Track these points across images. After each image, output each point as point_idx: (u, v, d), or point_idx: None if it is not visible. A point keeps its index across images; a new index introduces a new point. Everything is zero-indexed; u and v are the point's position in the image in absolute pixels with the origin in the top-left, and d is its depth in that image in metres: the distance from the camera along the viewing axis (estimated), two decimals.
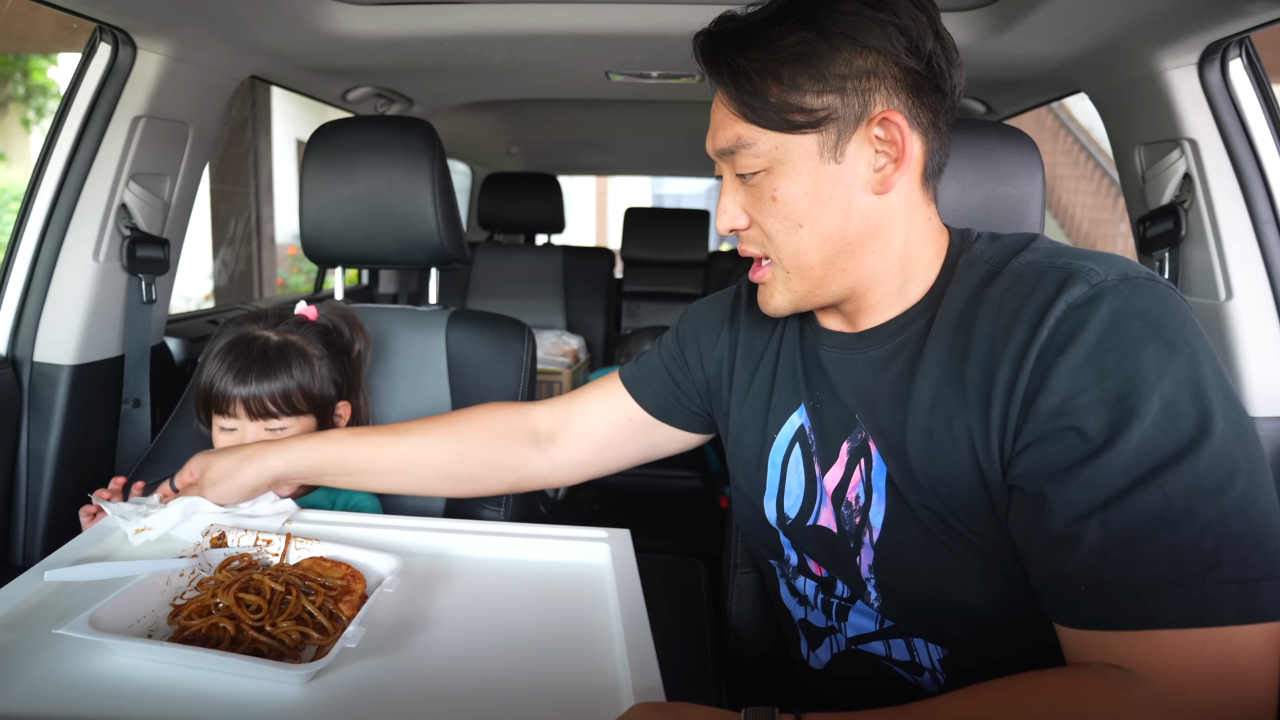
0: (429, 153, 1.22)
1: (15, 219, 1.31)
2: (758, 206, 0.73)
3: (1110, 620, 0.56)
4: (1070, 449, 0.58)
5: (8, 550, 1.27)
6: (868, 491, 0.74)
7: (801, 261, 0.73)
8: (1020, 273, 0.67)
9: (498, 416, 0.99)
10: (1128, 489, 0.56)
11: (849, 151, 0.68)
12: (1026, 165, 1.07)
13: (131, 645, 0.64)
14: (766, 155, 0.69)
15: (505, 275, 2.90)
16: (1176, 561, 0.54)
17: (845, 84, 0.66)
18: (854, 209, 0.70)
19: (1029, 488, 0.61)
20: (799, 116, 0.67)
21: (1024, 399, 0.61)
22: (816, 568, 0.83)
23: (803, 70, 0.66)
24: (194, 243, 5.59)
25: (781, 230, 0.72)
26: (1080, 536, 0.57)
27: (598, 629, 0.73)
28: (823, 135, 0.68)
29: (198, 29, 1.25)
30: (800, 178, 0.69)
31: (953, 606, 0.70)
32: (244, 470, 0.91)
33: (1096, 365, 0.58)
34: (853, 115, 0.67)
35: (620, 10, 1.31)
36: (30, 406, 1.28)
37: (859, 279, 0.73)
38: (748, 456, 0.87)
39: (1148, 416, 0.56)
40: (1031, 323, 0.62)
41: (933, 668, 0.75)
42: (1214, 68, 1.18)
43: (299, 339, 1.08)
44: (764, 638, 1.07)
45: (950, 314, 0.70)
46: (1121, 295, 0.60)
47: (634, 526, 0.93)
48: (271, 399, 1.02)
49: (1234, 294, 1.20)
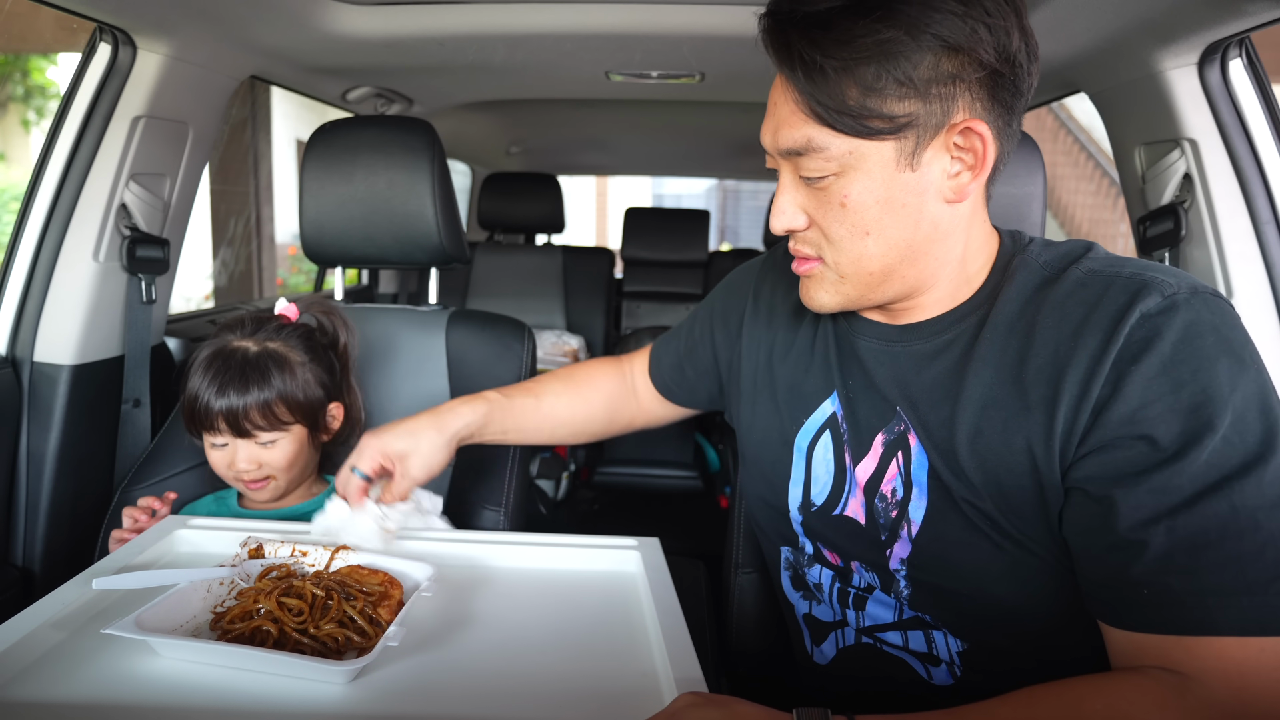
0: (429, 153, 1.22)
1: (15, 219, 1.31)
2: (822, 210, 0.69)
3: (1172, 625, 0.57)
4: (1140, 456, 0.59)
5: (8, 550, 1.27)
6: (906, 485, 0.73)
7: (861, 268, 0.70)
8: (1083, 280, 0.66)
9: (609, 379, 1.08)
10: (1195, 498, 0.57)
11: (925, 158, 0.65)
12: (1027, 165, 1.07)
13: (177, 644, 0.65)
14: (838, 160, 0.65)
15: (505, 275, 2.90)
16: (1240, 571, 0.55)
17: (930, 89, 0.61)
18: (924, 217, 0.67)
19: (1094, 491, 0.61)
20: (879, 123, 0.62)
21: (1095, 405, 0.61)
22: (833, 557, 0.82)
23: (886, 72, 0.61)
24: (194, 243, 5.58)
25: (846, 236, 0.68)
26: (1147, 541, 0.58)
27: (634, 629, 0.74)
28: (901, 142, 0.64)
29: (198, 29, 1.25)
30: (873, 184, 0.65)
31: (989, 602, 0.71)
32: (421, 443, 0.91)
33: (1171, 376, 0.59)
34: (934, 122, 0.63)
35: (620, 10, 1.31)
36: (30, 406, 1.28)
37: (916, 284, 0.72)
38: (771, 441, 0.86)
39: (1220, 429, 0.57)
40: (1104, 330, 0.62)
41: (951, 660, 0.75)
42: (1214, 68, 1.18)
43: (279, 346, 1.05)
44: (765, 636, 1.07)
45: (1005, 315, 0.69)
46: (1194, 309, 0.60)
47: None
48: (252, 413, 0.99)
49: (1234, 294, 1.20)
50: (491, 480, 1.19)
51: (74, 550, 1.30)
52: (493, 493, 1.18)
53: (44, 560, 1.27)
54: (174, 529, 0.91)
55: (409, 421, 0.93)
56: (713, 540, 1.26)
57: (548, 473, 2.44)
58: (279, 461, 1.03)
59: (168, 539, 0.89)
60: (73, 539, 1.30)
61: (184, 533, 0.90)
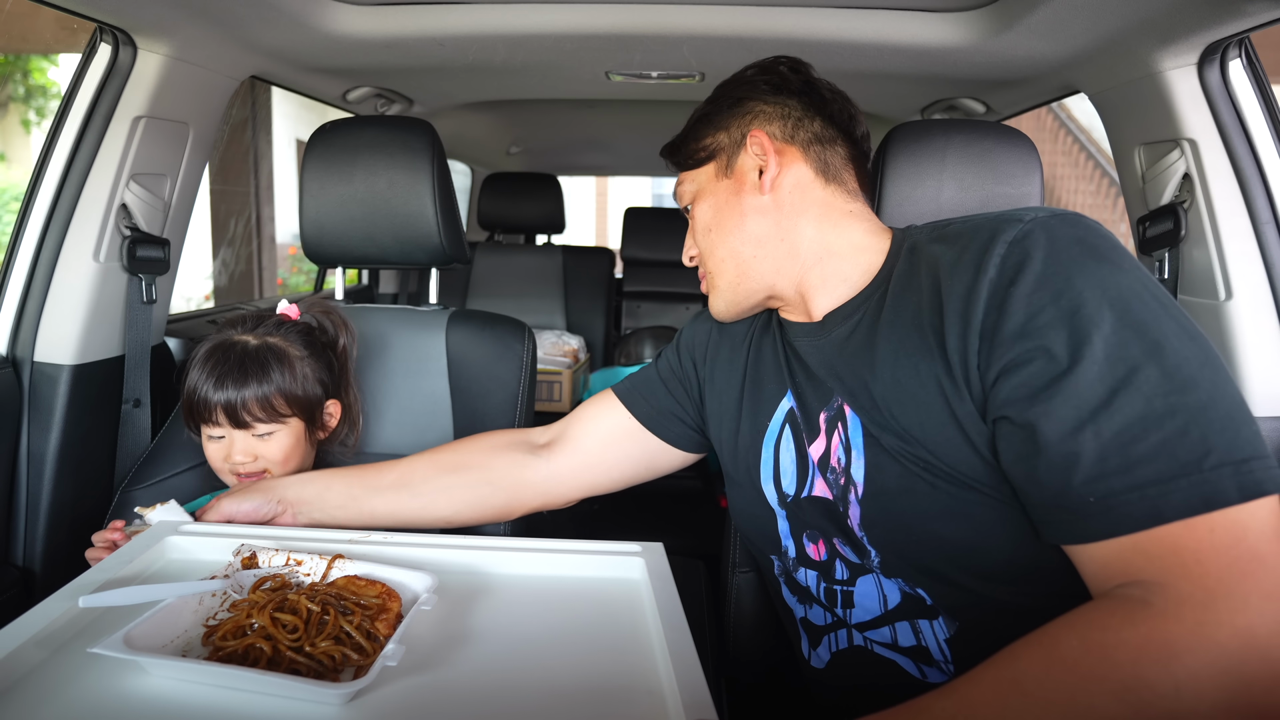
0: (429, 153, 1.22)
1: (15, 219, 1.31)
2: (694, 232, 0.91)
3: (1124, 524, 0.58)
4: (1043, 369, 0.62)
5: (8, 550, 1.27)
6: (847, 451, 0.78)
7: (720, 266, 0.88)
8: (957, 231, 0.75)
9: (495, 433, 1.06)
10: (1110, 397, 0.59)
11: (736, 166, 0.86)
12: (1025, 166, 1.07)
13: (168, 664, 0.62)
14: (691, 193, 0.91)
15: (505, 275, 2.90)
16: (1171, 455, 0.57)
17: (730, 123, 0.87)
18: (747, 208, 0.85)
19: (1015, 416, 0.64)
20: (701, 154, 0.90)
21: (981, 330, 0.66)
22: (815, 552, 0.84)
23: (703, 125, 0.90)
24: (194, 243, 5.59)
25: (703, 242, 0.89)
26: (1079, 451, 0.59)
27: (639, 644, 0.71)
28: (717, 162, 0.88)
29: (198, 29, 1.25)
30: (708, 196, 0.89)
31: (945, 546, 0.72)
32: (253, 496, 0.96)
33: (1047, 287, 0.64)
34: (734, 142, 0.87)
35: (620, 10, 1.31)
36: (30, 406, 1.28)
37: (780, 272, 0.86)
38: (744, 447, 0.91)
39: (1105, 325, 0.61)
40: (974, 265, 0.69)
41: (941, 651, 0.75)
42: (1214, 68, 1.18)
43: (279, 341, 1.06)
44: (764, 637, 1.07)
45: (900, 283, 0.78)
46: (1052, 227, 0.67)
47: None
48: (250, 405, 1.00)
49: (1234, 294, 1.20)
50: None
51: (74, 550, 1.30)
52: None
53: (44, 560, 1.27)
54: (165, 534, 0.88)
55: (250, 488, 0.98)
56: (712, 540, 1.26)
57: None
58: (274, 454, 1.04)
59: (158, 545, 0.86)
60: (73, 539, 1.30)
61: (175, 539, 0.88)
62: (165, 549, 0.87)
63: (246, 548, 0.82)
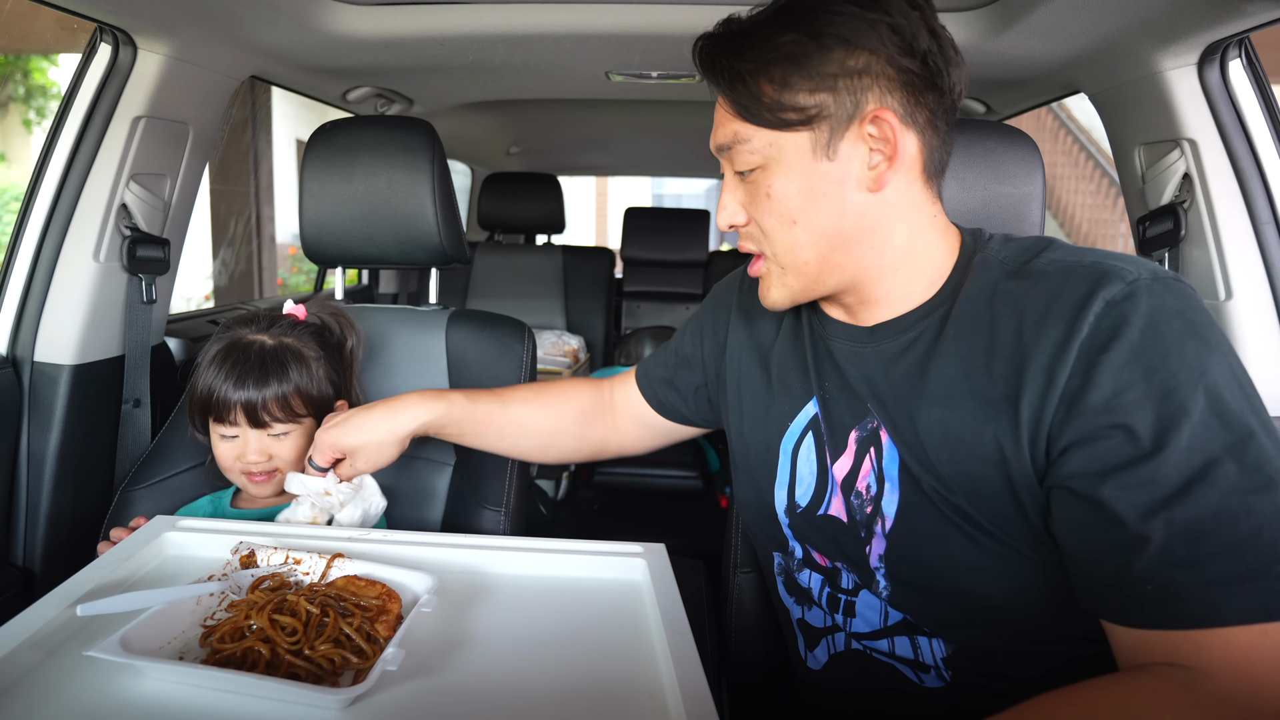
0: (429, 153, 1.22)
1: (16, 219, 1.31)
2: (755, 204, 0.74)
3: (1179, 619, 0.56)
4: (1120, 446, 0.59)
5: (8, 550, 1.27)
6: (879, 480, 0.74)
7: (796, 258, 0.74)
8: (1045, 270, 0.67)
9: (583, 394, 1.07)
10: (1185, 487, 0.56)
11: (842, 149, 0.69)
12: (1026, 165, 1.07)
13: (166, 668, 0.62)
14: (761, 152, 0.71)
15: (505, 275, 2.90)
16: (1239, 557, 0.55)
17: (837, 83, 0.67)
18: (848, 206, 0.71)
19: (1081, 488, 0.61)
20: (791, 114, 0.68)
21: (1064, 395, 0.61)
22: (821, 559, 0.83)
23: (794, 70, 0.68)
24: (194, 243, 5.59)
25: (776, 226, 0.73)
26: (1147, 536, 0.57)
27: (641, 647, 0.71)
28: (815, 133, 0.69)
29: (198, 29, 1.25)
30: (794, 175, 0.70)
31: (965, 596, 0.70)
32: (371, 440, 0.95)
33: (1141, 362, 0.59)
34: (845, 113, 0.68)
35: (620, 10, 1.31)
36: (30, 406, 1.28)
37: (857, 274, 0.74)
38: (758, 444, 0.87)
39: (1195, 413, 0.57)
40: (1067, 319, 0.62)
41: (937, 665, 0.75)
42: (1213, 68, 1.18)
43: (294, 341, 1.06)
44: (764, 637, 1.07)
45: (968, 309, 0.70)
46: (1156, 294, 0.61)
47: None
48: (269, 404, 1.01)
49: (1233, 294, 1.20)
50: (492, 481, 1.19)
51: (74, 550, 1.30)
52: (493, 493, 1.18)
53: (44, 560, 1.27)
54: (163, 531, 0.88)
55: (362, 415, 0.96)
56: (712, 540, 1.26)
57: (548, 473, 2.44)
58: (288, 454, 1.04)
59: (156, 542, 0.85)
60: (73, 539, 1.30)
61: (173, 535, 0.87)
62: (162, 546, 0.87)
63: (245, 546, 0.81)
